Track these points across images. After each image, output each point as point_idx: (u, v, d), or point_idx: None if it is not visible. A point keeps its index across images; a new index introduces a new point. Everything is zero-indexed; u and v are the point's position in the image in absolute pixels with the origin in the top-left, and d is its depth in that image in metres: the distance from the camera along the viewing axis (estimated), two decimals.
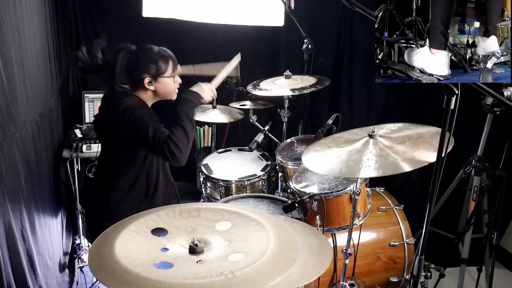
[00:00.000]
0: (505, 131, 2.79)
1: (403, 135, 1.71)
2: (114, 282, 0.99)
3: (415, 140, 1.64)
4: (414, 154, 1.55)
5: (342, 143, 1.76)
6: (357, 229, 2.05)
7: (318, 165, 1.69)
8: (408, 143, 1.63)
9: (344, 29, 3.31)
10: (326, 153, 1.74)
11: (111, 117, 1.93)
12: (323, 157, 1.72)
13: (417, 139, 1.64)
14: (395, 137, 1.69)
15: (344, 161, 1.62)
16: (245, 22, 2.92)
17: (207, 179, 2.51)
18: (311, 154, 1.77)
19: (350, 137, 1.78)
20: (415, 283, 1.42)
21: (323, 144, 1.82)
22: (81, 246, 2.84)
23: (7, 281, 1.59)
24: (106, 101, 2.05)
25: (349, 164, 1.60)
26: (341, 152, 1.68)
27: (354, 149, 1.67)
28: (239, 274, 1.00)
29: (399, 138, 1.68)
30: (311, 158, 1.75)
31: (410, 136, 1.68)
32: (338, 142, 1.78)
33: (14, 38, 1.77)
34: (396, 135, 1.71)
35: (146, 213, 1.26)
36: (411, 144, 1.62)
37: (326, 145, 1.80)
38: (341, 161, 1.63)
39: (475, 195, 2.51)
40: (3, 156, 1.60)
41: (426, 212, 1.34)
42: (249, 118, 2.75)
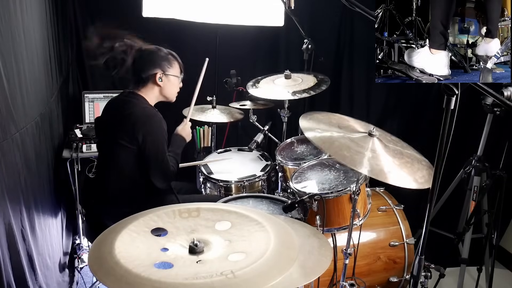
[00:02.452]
0: (505, 131, 2.79)
1: (396, 148, 1.73)
2: (114, 282, 0.99)
3: (407, 159, 1.67)
4: (402, 172, 1.59)
5: (344, 127, 1.78)
6: (357, 229, 2.05)
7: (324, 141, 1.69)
8: (398, 159, 1.66)
9: (344, 29, 3.31)
10: (329, 132, 1.74)
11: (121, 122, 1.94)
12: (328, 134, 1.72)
13: (407, 159, 1.67)
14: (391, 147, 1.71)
15: (348, 148, 1.63)
16: (245, 22, 2.91)
17: (207, 179, 2.51)
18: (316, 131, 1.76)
19: (350, 125, 1.80)
20: (415, 283, 1.42)
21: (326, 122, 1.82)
22: (81, 246, 2.84)
23: (7, 281, 1.59)
24: (114, 103, 2.07)
25: (351, 152, 1.61)
26: (344, 136, 1.70)
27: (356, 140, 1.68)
28: (239, 274, 1.00)
29: (393, 150, 1.70)
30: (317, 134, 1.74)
31: (401, 152, 1.70)
32: (340, 123, 1.80)
33: (14, 38, 1.77)
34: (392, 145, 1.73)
35: (146, 213, 1.26)
36: (400, 161, 1.64)
37: (329, 123, 1.81)
38: (346, 147, 1.63)
39: (475, 195, 2.51)
40: (3, 156, 1.60)
41: (426, 212, 1.34)
42: (249, 118, 2.75)
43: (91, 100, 2.98)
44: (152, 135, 1.91)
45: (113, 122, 2.00)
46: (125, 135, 1.92)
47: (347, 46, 3.34)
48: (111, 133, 1.99)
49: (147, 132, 1.90)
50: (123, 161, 1.95)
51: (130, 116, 1.92)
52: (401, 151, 1.72)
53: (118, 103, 2.05)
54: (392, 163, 1.62)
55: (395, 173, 1.57)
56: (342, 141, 1.65)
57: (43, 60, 2.28)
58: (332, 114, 1.93)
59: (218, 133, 3.16)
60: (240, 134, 3.31)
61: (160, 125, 1.95)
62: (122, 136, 1.92)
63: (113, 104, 2.08)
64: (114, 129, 1.96)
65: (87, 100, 2.97)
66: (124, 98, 2.00)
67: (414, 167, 1.63)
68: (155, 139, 1.91)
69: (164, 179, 1.98)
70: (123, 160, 1.95)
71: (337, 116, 1.93)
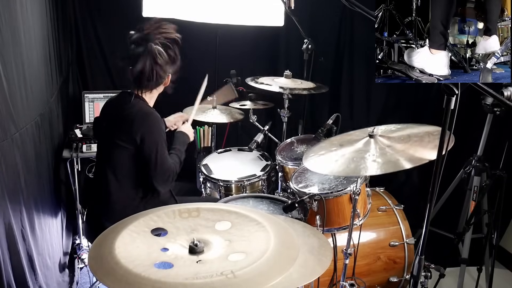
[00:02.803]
0: (505, 131, 2.79)
1: (402, 134, 1.71)
2: (114, 282, 0.99)
3: (414, 138, 1.65)
4: (412, 152, 1.56)
5: (344, 143, 1.76)
6: (357, 229, 2.05)
7: (323, 167, 1.69)
8: (407, 141, 1.63)
9: (344, 29, 3.31)
10: (330, 154, 1.74)
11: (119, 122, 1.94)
12: (327, 159, 1.72)
13: (415, 138, 1.65)
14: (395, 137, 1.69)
15: (349, 159, 1.62)
16: (245, 22, 2.92)
17: (207, 179, 2.51)
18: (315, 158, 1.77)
19: (350, 138, 1.78)
20: (415, 283, 1.42)
21: (326, 147, 1.82)
22: (81, 246, 2.84)
23: (7, 281, 1.59)
24: (112, 103, 2.06)
25: (354, 162, 1.60)
26: (345, 152, 1.69)
27: (357, 149, 1.68)
28: (240, 274, 1.00)
29: (398, 137, 1.68)
30: (315, 161, 1.75)
31: (409, 135, 1.68)
32: (340, 142, 1.79)
33: (14, 38, 1.77)
34: (395, 134, 1.72)
35: (146, 213, 1.26)
36: (410, 143, 1.62)
37: (329, 147, 1.80)
38: (346, 160, 1.63)
39: (475, 195, 2.51)
40: (3, 156, 1.60)
41: (426, 212, 1.34)
42: (249, 118, 2.75)
43: (91, 100, 2.98)
44: (150, 135, 1.89)
45: (111, 122, 1.99)
46: (123, 135, 1.91)
47: (347, 46, 3.35)
48: (109, 134, 1.98)
49: (146, 132, 1.89)
50: (121, 161, 1.94)
51: (128, 116, 1.91)
52: (408, 134, 1.69)
53: (116, 103, 2.04)
54: (402, 149, 1.59)
55: (408, 157, 1.54)
56: (347, 156, 1.65)
57: (43, 60, 2.28)
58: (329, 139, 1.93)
59: (218, 133, 3.16)
60: (240, 134, 3.32)
61: (158, 125, 1.93)
62: (120, 136, 1.91)
63: (111, 105, 2.08)
64: (112, 129, 1.96)
65: (87, 100, 2.97)
66: (123, 99, 1.99)
67: (424, 141, 1.60)
68: (153, 139, 1.90)
69: (164, 180, 1.94)
70: (120, 161, 1.94)
71: (339, 137, 1.93)
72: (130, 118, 1.90)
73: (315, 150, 1.81)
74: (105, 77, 3.19)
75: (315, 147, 1.85)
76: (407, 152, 1.56)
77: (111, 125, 1.98)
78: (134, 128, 1.88)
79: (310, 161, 1.73)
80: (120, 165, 1.95)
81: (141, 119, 1.90)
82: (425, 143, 1.60)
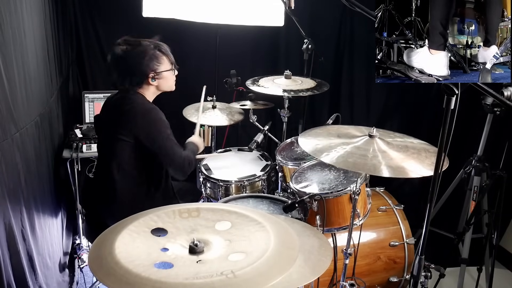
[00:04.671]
0: (505, 131, 2.79)
1: (400, 143, 1.73)
2: (114, 282, 0.99)
3: (412, 150, 1.66)
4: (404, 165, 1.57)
5: (341, 135, 1.78)
6: (357, 229, 2.05)
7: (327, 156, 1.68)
8: (404, 152, 1.65)
9: (344, 29, 3.31)
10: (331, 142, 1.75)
11: (120, 118, 1.95)
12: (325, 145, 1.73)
13: (412, 150, 1.67)
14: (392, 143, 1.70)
15: (352, 154, 1.63)
16: (245, 22, 2.92)
17: (207, 179, 2.51)
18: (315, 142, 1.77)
19: (350, 132, 1.80)
20: (415, 283, 1.43)
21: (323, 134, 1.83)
22: (81, 246, 2.84)
23: (7, 281, 1.59)
24: (113, 100, 2.07)
25: (358, 158, 1.60)
26: (346, 144, 1.70)
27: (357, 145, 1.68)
28: (240, 274, 1.00)
29: (397, 145, 1.69)
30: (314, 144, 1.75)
31: (406, 146, 1.70)
32: (340, 133, 1.81)
33: (14, 38, 1.77)
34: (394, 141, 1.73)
35: (146, 213, 1.26)
36: (406, 154, 1.64)
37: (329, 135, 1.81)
38: (349, 153, 1.63)
39: (475, 195, 2.51)
40: (3, 156, 1.60)
41: (426, 212, 1.34)
42: (249, 118, 2.75)
43: (91, 100, 2.98)
44: (155, 127, 1.94)
45: (112, 118, 2.00)
46: (124, 131, 1.92)
47: (347, 46, 3.35)
48: (110, 130, 1.99)
49: (150, 125, 1.92)
50: (123, 157, 1.95)
51: (129, 111, 1.93)
52: (405, 145, 1.71)
53: (116, 100, 2.05)
54: (400, 158, 1.60)
55: (407, 166, 1.56)
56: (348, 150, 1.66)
57: (43, 60, 2.28)
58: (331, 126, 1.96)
59: (218, 133, 3.16)
60: (240, 134, 3.32)
61: (160, 116, 1.97)
62: (122, 131, 1.92)
63: (111, 101, 2.09)
64: (114, 125, 1.97)
65: (87, 100, 2.97)
66: (122, 95, 2.01)
67: (421, 156, 1.62)
68: (158, 129, 1.94)
69: (181, 167, 2.02)
70: (123, 156, 1.95)
71: (336, 127, 1.94)
72: (132, 113, 1.93)
73: (312, 134, 1.83)
74: (105, 77, 3.19)
75: (312, 131, 1.87)
76: (408, 163, 1.58)
77: (112, 121, 1.99)
78: (137, 123, 1.90)
79: (303, 141, 1.76)
80: (123, 160, 1.95)
81: (142, 113, 1.93)
82: (422, 157, 1.61)
